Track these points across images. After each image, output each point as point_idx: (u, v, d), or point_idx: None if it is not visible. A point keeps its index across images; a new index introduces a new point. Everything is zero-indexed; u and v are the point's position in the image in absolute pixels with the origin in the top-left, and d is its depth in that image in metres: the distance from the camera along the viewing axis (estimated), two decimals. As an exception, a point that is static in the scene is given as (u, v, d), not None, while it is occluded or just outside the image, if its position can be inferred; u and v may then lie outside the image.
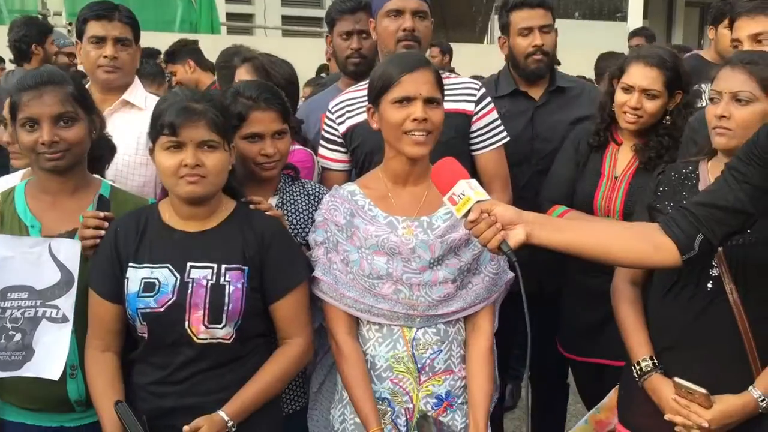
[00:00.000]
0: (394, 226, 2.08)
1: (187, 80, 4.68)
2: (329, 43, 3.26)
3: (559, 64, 3.28)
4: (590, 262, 2.54)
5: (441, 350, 2.09)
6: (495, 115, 2.61)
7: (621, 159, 2.73)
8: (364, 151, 2.56)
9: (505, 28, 3.17)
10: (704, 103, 2.76)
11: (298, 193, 2.35)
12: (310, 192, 2.36)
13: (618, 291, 2.18)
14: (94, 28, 2.74)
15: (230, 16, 11.77)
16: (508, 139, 2.65)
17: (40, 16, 9.48)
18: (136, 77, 2.94)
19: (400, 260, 2.05)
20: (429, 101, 2.03)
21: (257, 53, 3.02)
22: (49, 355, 1.95)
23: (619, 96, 2.65)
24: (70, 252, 1.98)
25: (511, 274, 2.20)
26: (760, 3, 2.31)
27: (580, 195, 2.77)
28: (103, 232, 1.99)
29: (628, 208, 2.62)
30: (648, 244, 1.81)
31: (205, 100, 1.95)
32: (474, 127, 2.57)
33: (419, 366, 2.07)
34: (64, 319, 1.97)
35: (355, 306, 2.06)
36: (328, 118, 2.63)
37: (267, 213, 2.11)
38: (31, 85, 2.00)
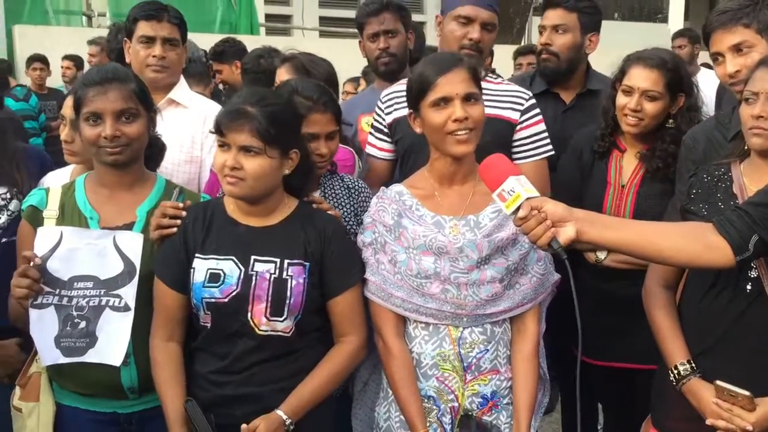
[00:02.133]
0: (441, 226, 2.11)
1: (233, 81, 4.72)
2: (363, 48, 3.32)
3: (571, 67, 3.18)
4: (602, 267, 2.57)
5: (487, 350, 2.11)
6: (542, 127, 2.61)
7: (626, 167, 2.71)
8: (404, 146, 2.61)
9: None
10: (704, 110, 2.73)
11: (338, 186, 2.41)
12: (350, 185, 2.42)
13: (651, 295, 2.15)
14: (143, 28, 2.81)
15: (269, 17, 11.88)
16: (552, 153, 2.64)
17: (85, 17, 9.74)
18: (182, 76, 3.01)
19: (448, 260, 2.07)
20: (467, 98, 2.04)
21: (296, 53, 3.07)
22: (112, 343, 2.02)
23: (620, 99, 2.63)
24: (133, 244, 2.06)
25: (557, 276, 2.21)
26: (733, 15, 2.28)
27: (586, 205, 2.70)
28: (178, 222, 2.06)
29: (637, 216, 2.60)
30: (700, 243, 1.80)
31: (262, 104, 1.97)
32: (517, 137, 2.57)
33: (465, 365, 2.09)
34: (126, 308, 2.04)
35: (403, 306, 2.09)
36: (378, 107, 2.70)
37: (328, 212, 2.16)
38: (96, 80, 2.07)
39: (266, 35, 10.75)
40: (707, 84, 3.40)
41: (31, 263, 1.98)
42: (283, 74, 2.87)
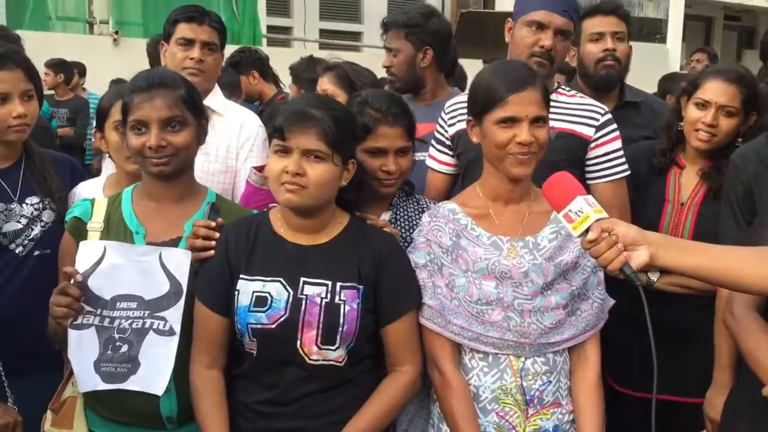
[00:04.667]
0: (498, 247, 1.99)
1: (251, 91, 4.64)
2: None
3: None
4: (657, 293, 2.47)
5: (550, 381, 1.99)
6: (618, 144, 2.46)
7: (686, 184, 2.62)
8: (466, 160, 2.48)
9: (576, 38, 3.08)
10: None
11: (412, 208, 2.27)
12: (425, 208, 2.26)
13: (744, 320, 1.98)
14: (183, 30, 2.74)
15: (270, 28, 11.80)
16: (629, 172, 2.50)
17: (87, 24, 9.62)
18: (216, 84, 2.92)
19: (510, 285, 1.95)
20: (535, 120, 1.94)
21: (340, 62, 2.98)
22: (155, 369, 1.88)
23: (693, 113, 2.54)
24: (181, 262, 1.92)
25: (612, 301, 2.11)
26: None
27: (641, 223, 2.61)
28: (213, 243, 1.93)
29: (697, 237, 2.49)
30: None
31: (327, 108, 1.86)
32: (591, 155, 2.42)
33: (528, 398, 1.96)
34: (171, 332, 1.90)
35: (462, 334, 1.95)
36: (441, 118, 2.59)
37: (384, 229, 2.03)
38: (143, 87, 1.96)
39: (268, 46, 10.67)
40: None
41: (72, 280, 1.85)
42: (325, 83, 2.77)
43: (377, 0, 12.96)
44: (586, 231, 1.65)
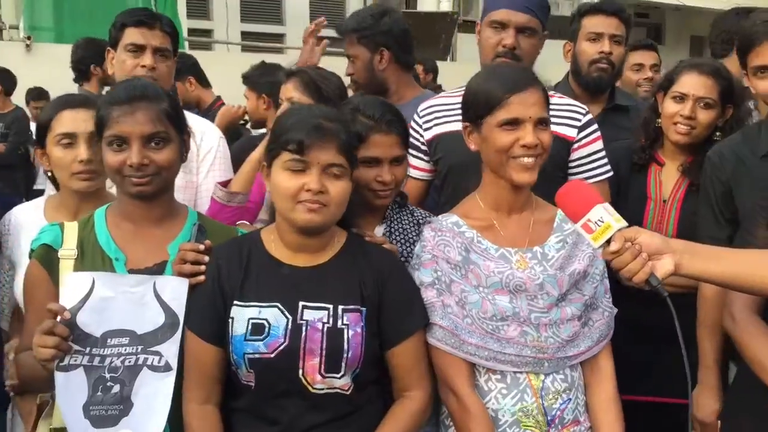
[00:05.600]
0: (507, 259, 1.88)
1: (188, 98, 4.41)
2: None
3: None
4: (642, 292, 2.45)
5: (570, 399, 1.88)
6: (599, 145, 2.40)
7: (666, 181, 2.60)
8: (445, 166, 2.38)
9: (573, 35, 3.03)
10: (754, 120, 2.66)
11: (406, 221, 2.13)
12: (420, 220, 2.13)
13: (745, 323, 1.95)
14: (132, 36, 2.51)
15: (191, 31, 11.42)
16: (611, 173, 2.45)
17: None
18: None
19: (525, 298, 1.85)
20: (539, 123, 1.84)
21: (304, 67, 2.82)
22: (149, 409, 1.70)
23: (670, 106, 2.52)
24: (177, 291, 1.74)
25: (616, 309, 2.03)
26: None
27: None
28: (203, 267, 1.75)
29: (681, 233, 2.47)
30: None
31: (337, 120, 1.75)
32: (574, 156, 2.36)
33: (549, 418, 1.85)
34: (167, 368, 1.72)
35: (478, 353, 1.82)
36: (415, 122, 2.46)
37: (383, 246, 1.90)
38: (122, 99, 1.77)
39: (190, 49, 10.33)
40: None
41: (58, 318, 1.65)
42: (289, 91, 2.59)
43: (299, 1, 12.74)
44: (608, 241, 1.58)
